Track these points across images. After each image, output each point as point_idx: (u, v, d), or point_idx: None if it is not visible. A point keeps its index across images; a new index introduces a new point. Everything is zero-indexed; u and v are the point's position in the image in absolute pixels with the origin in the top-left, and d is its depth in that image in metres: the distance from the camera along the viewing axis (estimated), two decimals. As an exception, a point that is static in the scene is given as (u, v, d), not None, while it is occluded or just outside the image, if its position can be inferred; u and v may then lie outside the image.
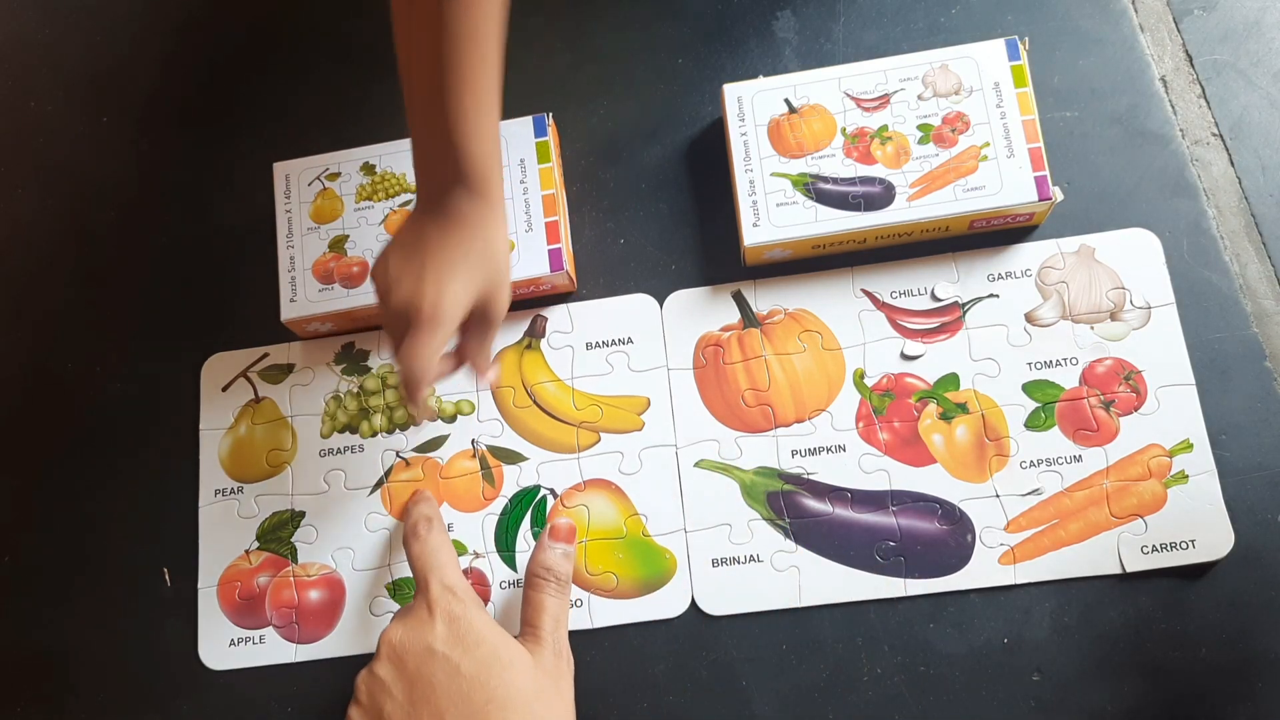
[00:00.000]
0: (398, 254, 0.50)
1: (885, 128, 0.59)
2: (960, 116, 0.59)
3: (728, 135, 0.61)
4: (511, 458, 0.60)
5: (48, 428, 0.64)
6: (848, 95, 0.60)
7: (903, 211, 0.58)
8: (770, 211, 0.59)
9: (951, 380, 0.59)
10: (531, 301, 0.63)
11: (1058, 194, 0.57)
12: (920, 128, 0.59)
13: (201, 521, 0.61)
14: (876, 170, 0.59)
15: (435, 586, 0.50)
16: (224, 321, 0.65)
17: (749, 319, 0.61)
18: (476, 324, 0.53)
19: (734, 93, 0.61)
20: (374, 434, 0.61)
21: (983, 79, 0.59)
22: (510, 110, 0.63)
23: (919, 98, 0.60)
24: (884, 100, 0.60)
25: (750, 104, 0.61)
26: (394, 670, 0.48)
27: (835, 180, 0.59)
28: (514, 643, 0.49)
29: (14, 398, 0.65)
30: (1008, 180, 0.58)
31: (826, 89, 0.60)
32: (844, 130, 0.60)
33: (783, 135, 0.60)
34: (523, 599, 0.52)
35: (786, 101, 0.60)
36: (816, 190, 0.59)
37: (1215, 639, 0.54)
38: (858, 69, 0.60)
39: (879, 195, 0.58)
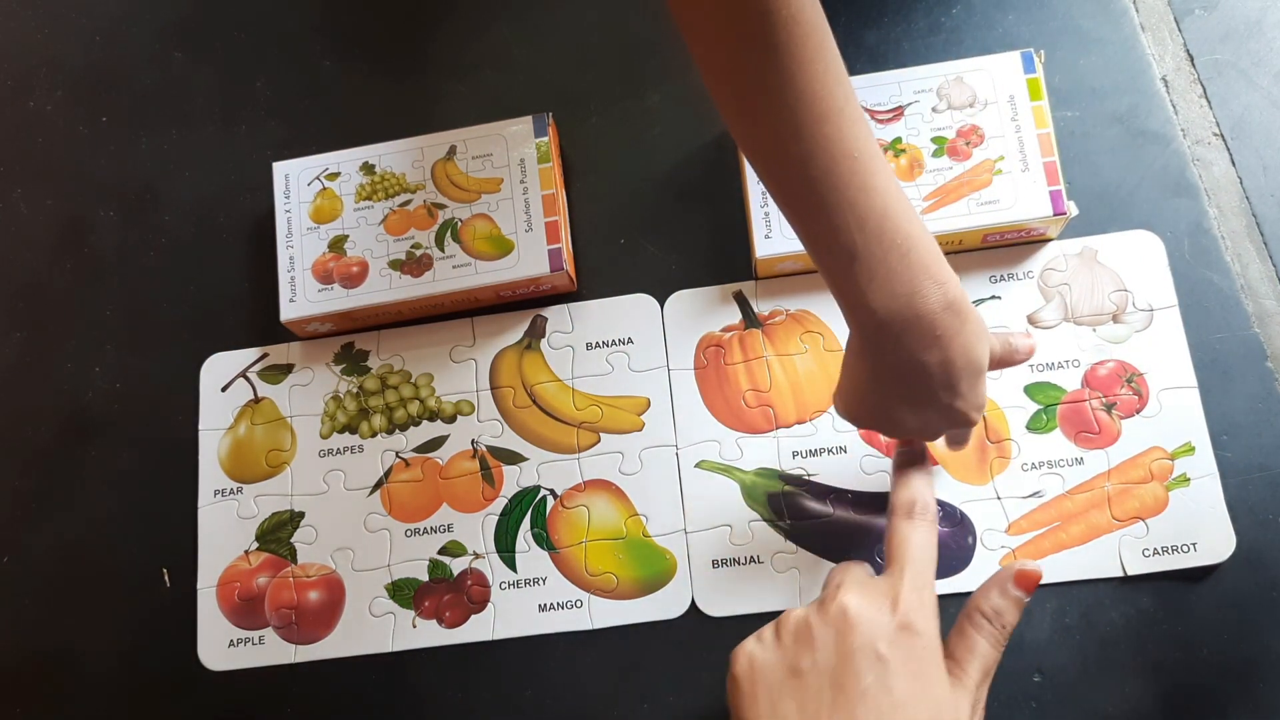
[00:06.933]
0: (916, 407, 0.46)
1: (899, 140, 0.59)
2: (975, 129, 0.59)
3: None
4: (511, 458, 0.60)
5: (47, 427, 0.64)
6: (862, 107, 0.60)
7: None
8: (782, 224, 0.58)
9: (952, 381, 0.58)
10: (531, 301, 0.63)
11: (1072, 209, 0.57)
12: (934, 140, 0.59)
13: (201, 522, 0.61)
14: None
15: (908, 586, 0.44)
16: (224, 321, 0.65)
17: (750, 319, 0.61)
18: None
19: None
20: (374, 434, 0.61)
21: (998, 91, 0.59)
22: (511, 110, 0.63)
23: (933, 110, 0.59)
24: (898, 112, 0.59)
25: None
26: (832, 637, 0.43)
27: None
28: (949, 691, 0.44)
29: (14, 397, 0.65)
30: (1022, 194, 0.57)
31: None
32: (857, 141, 0.59)
33: None
34: (956, 629, 0.46)
35: None
36: None
37: (1217, 639, 0.54)
38: (872, 80, 0.60)
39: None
